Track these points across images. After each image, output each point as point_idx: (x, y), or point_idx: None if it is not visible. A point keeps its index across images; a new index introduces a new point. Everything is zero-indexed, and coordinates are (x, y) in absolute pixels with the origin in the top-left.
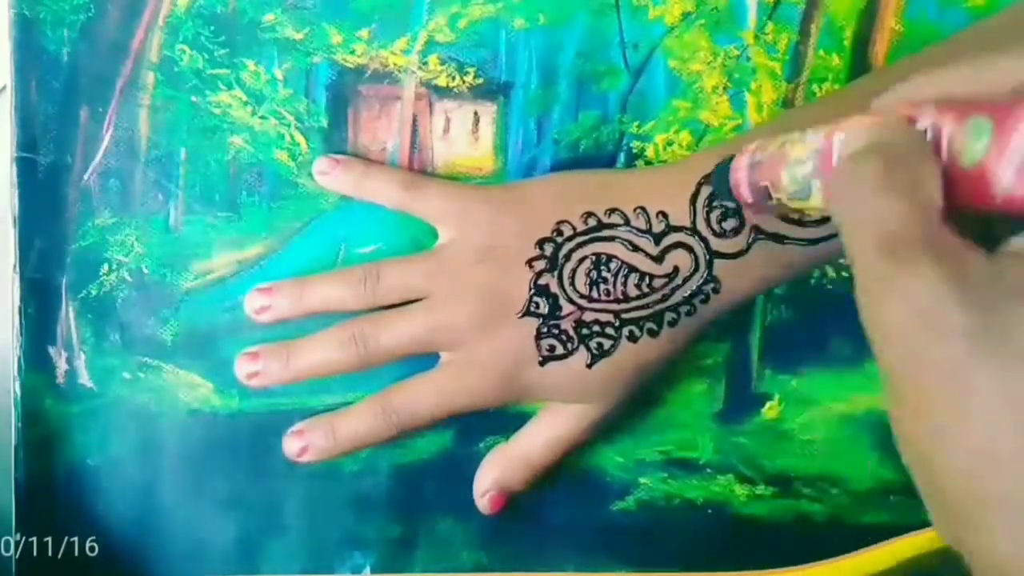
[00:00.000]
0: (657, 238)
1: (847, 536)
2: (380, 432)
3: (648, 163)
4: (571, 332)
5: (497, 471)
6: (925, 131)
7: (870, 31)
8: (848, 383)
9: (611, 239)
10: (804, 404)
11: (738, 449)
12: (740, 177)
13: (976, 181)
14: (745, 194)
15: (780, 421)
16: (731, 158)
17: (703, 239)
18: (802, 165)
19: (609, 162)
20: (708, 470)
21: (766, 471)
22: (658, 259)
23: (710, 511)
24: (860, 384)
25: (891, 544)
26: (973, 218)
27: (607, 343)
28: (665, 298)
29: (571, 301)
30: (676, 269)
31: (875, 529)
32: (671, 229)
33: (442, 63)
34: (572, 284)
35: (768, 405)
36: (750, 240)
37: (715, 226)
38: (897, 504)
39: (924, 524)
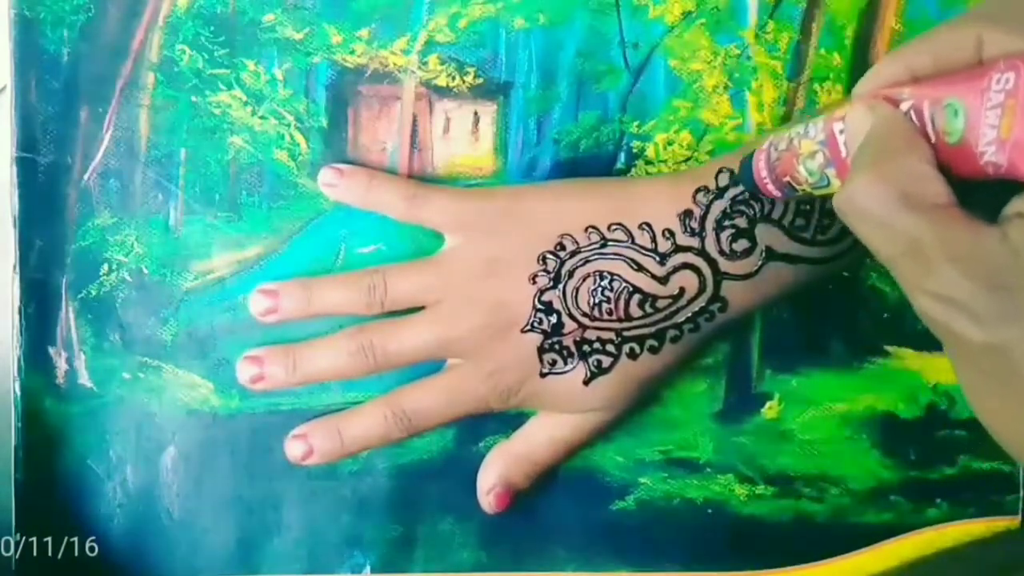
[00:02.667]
0: (663, 258)
1: (847, 536)
2: (389, 434)
3: (648, 163)
4: (572, 348)
5: (501, 467)
6: (908, 112)
7: (871, 30)
8: (848, 383)
9: (615, 256)
10: (804, 404)
11: (738, 449)
12: (763, 176)
13: (965, 156)
14: (772, 191)
15: (780, 421)
16: (751, 155)
17: (712, 260)
18: (814, 158)
19: (610, 162)
20: (708, 470)
21: (766, 471)
22: (663, 280)
23: (710, 511)
24: (860, 384)
25: (891, 544)
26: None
27: (606, 360)
28: (668, 317)
29: (573, 319)
30: (682, 291)
31: (875, 529)
32: (678, 249)
33: (442, 63)
34: (575, 302)
35: (768, 405)
36: (762, 262)
37: (725, 247)
38: (897, 504)
39: (924, 524)
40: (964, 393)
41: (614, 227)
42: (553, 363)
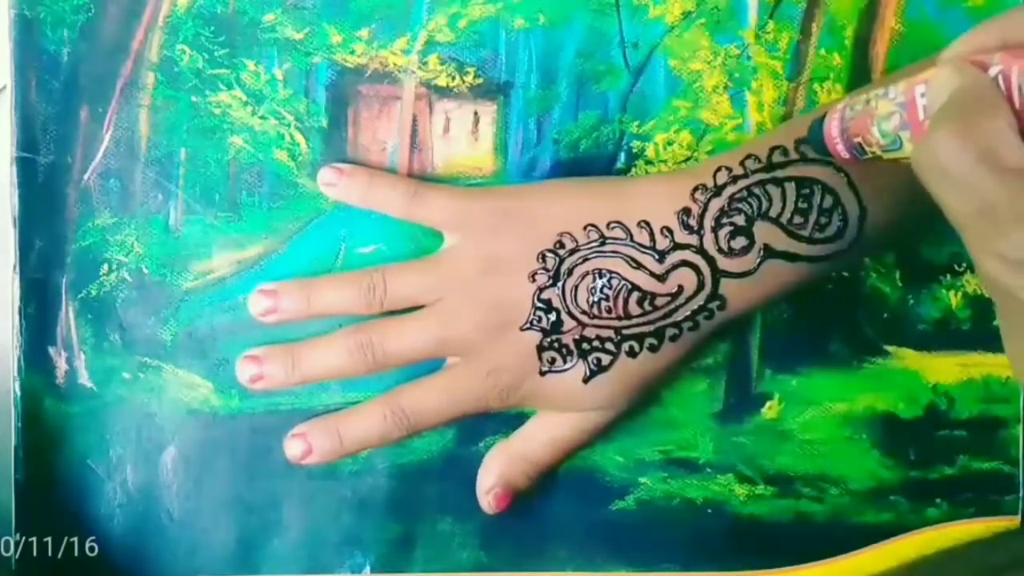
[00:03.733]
0: (661, 255)
1: (847, 536)
2: (389, 434)
3: (648, 163)
4: (571, 346)
5: (501, 467)
6: (996, 78)
7: (871, 30)
8: (848, 383)
9: (613, 254)
10: (804, 404)
11: (738, 449)
12: (834, 136)
13: None
14: (841, 151)
15: (780, 421)
16: (823, 116)
17: (710, 258)
18: (889, 120)
19: (609, 162)
20: (708, 470)
21: (766, 471)
22: (662, 278)
23: (710, 511)
24: (860, 384)
25: (891, 544)
26: None
27: (605, 358)
28: (668, 315)
29: (573, 317)
30: (680, 288)
31: (875, 529)
32: (676, 247)
33: (442, 63)
34: (574, 300)
35: (768, 405)
36: (760, 259)
37: (723, 245)
38: (897, 504)
39: (924, 524)
40: (1011, 362)
41: (613, 225)
42: (552, 361)
